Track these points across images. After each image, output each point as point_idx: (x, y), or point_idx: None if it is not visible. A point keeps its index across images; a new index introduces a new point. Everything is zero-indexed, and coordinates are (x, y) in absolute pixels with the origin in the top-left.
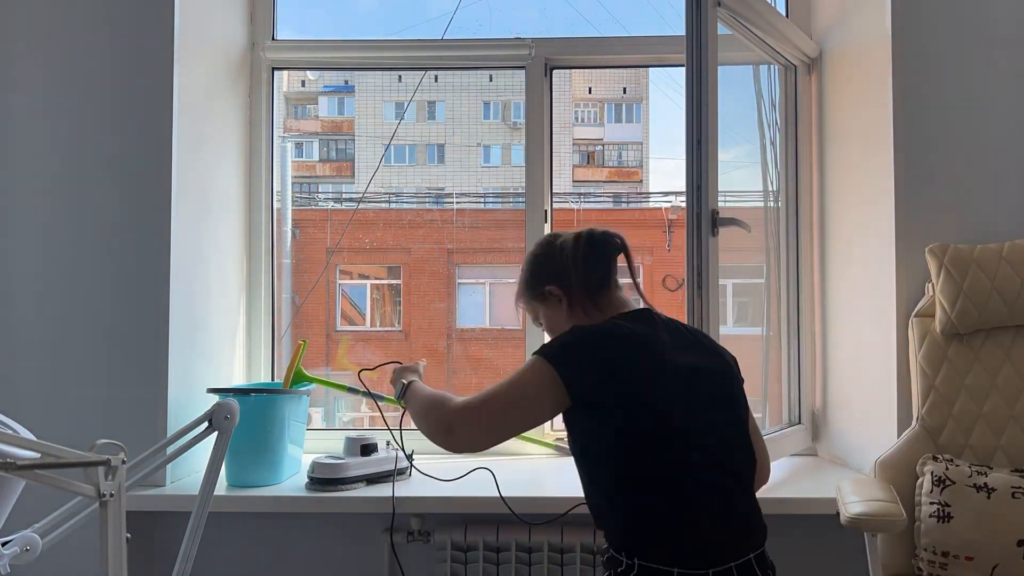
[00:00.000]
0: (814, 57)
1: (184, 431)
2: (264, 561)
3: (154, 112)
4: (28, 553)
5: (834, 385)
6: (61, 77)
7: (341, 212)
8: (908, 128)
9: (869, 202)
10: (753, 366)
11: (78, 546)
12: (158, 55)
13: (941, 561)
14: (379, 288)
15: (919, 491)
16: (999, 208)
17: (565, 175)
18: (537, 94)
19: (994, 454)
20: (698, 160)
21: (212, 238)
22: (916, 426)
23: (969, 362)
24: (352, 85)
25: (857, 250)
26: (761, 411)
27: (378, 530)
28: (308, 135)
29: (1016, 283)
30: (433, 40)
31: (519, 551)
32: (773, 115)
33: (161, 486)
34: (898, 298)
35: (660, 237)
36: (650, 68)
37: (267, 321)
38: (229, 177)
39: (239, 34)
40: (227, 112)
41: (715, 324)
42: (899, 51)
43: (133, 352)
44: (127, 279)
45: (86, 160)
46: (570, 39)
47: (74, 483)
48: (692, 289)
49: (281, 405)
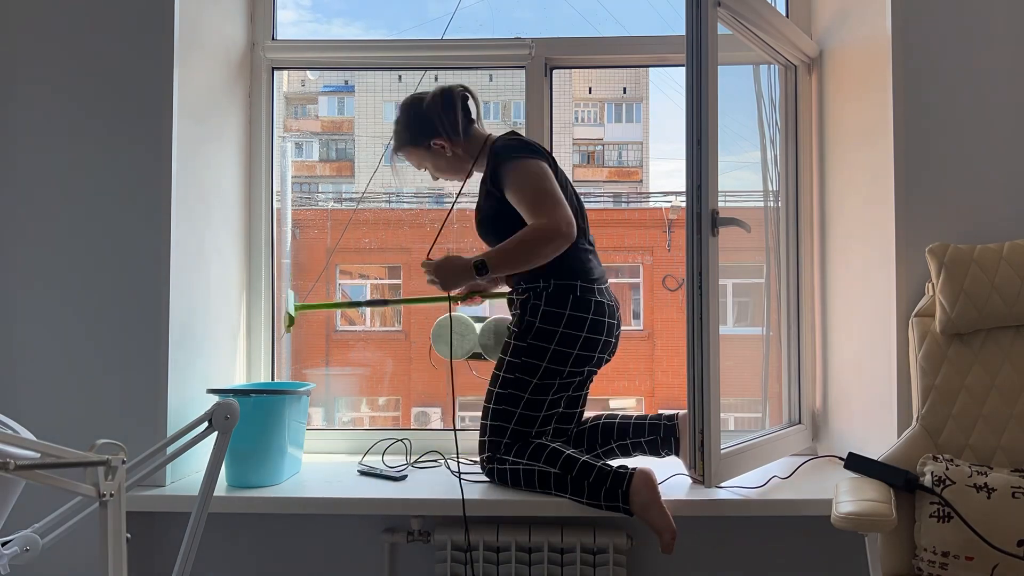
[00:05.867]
0: (814, 57)
1: (184, 431)
2: (264, 561)
3: (154, 112)
4: (28, 553)
5: (834, 385)
6: (61, 77)
7: (341, 212)
8: (908, 128)
9: (869, 202)
10: (753, 366)
11: (78, 546)
12: (158, 55)
13: (941, 561)
14: (379, 288)
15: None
16: (999, 208)
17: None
18: (537, 94)
19: (994, 454)
20: (698, 160)
21: (212, 238)
22: (916, 426)
23: (969, 362)
24: (352, 85)
25: (857, 250)
26: (761, 411)
27: (378, 530)
28: (308, 135)
29: (1016, 283)
30: (433, 40)
31: (519, 551)
32: (773, 115)
33: (161, 486)
34: (898, 298)
35: (660, 237)
36: (650, 68)
37: (267, 321)
38: (229, 177)
39: (239, 34)
40: (227, 112)
41: (715, 324)
42: (899, 51)
43: (133, 352)
44: (127, 279)
45: (86, 160)
46: (570, 39)
47: (74, 483)
48: (692, 289)
49: (281, 405)
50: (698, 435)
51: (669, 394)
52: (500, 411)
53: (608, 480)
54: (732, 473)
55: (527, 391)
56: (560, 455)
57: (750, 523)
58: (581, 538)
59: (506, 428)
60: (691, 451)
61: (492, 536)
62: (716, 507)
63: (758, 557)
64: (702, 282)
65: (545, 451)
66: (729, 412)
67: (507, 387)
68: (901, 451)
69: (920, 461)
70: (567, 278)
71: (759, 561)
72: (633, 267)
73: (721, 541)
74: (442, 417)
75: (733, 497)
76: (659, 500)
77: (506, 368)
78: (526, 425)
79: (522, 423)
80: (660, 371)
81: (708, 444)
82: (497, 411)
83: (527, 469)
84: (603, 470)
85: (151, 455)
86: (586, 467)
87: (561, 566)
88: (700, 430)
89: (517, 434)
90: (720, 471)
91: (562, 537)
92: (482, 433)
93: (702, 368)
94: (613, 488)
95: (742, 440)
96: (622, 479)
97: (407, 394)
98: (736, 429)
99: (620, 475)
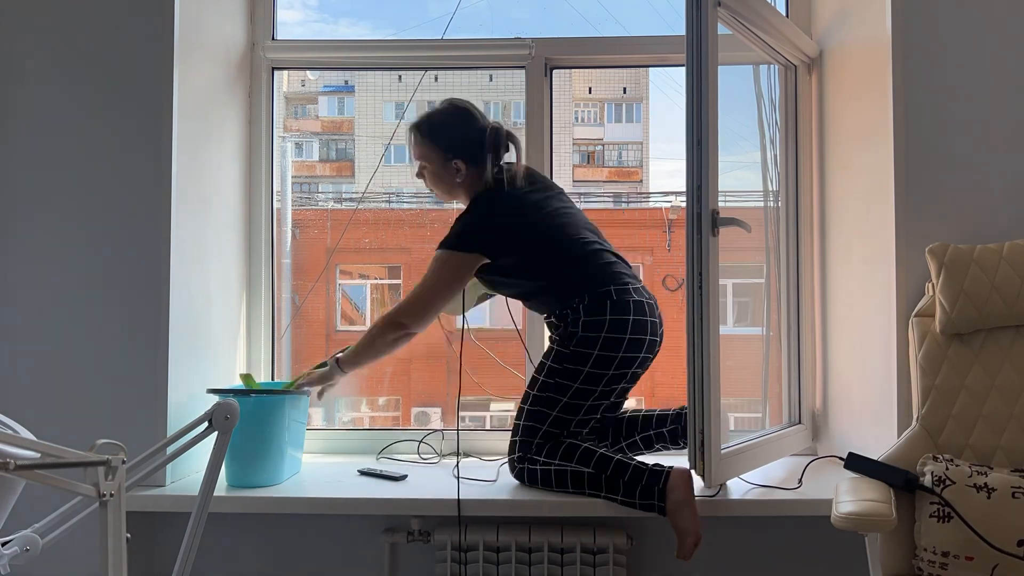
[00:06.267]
0: (814, 57)
1: (184, 431)
2: (264, 561)
3: (154, 112)
4: (28, 553)
5: (834, 385)
6: (61, 77)
7: (341, 212)
8: (908, 128)
9: (869, 202)
10: (753, 366)
11: (78, 546)
12: (158, 55)
13: (941, 561)
14: (379, 288)
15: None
16: (999, 208)
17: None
18: (537, 94)
19: (994, 454)
20: (698, 160)
21: (212, 238)
22: (916, 426)
23: (969, 362)
24: (352, 85)
25: (857, 250)
26: (761, 411)
27: (378, 530)
28: (308, 135)
29: (1016, 283)
30: (433, 40)
31: (519, 551)
32: (773, 115)
33: (161, 486)
34: (898, 298)
35: (660, 237)
36: (650, 68)
37: (267, 321)
38: (229, 177)
39: (239, 34)
40: (227, 112)
41: (715, 324)
42: (899, 51)
43: (133, 352)
44: (127, 279)
45: (86, 159)
46: (570, 39)
47: (74, 483)
48: (692, 289)
49: (281, 406)
50: (698, 435)
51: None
52: (535, 412)
53: (644, 477)
54: (733, 473)
55: (566, 395)
56: (593, 454)
57: (750, 523)
58: (581, 538)
59: (539, 429)
60: (692, 451)
61: (492, 536)
62: (716, 507)
63: (758, 557)
64: (702, 282)
65: (578, 451)
66: (729, 412)
67: (545, 390)
68: (901, 451)
69: (920, 461)
70: (600, 286)
71: (759, 561)
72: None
73: (721, 541)
74: (442, 417)
75: (733, 497)
76: (693, 502)
77: (546, 372)
78: (559, 427)
79: (556, 425)
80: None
81: (709, 444)
82: (532, 412)
83: (559, 470)
84: (639, 468)
85: (151, 455)
86: (621, 465)
87: (561, 566)
88: (700, 430)
89: (549, 435)
90: (721, 471)
91: (562, 537)
92: (514, 433)
93: (702, 368)
94: (649, 485)
95: (742, 440)
96: (658, 476)
97: (407, 394)
98: (736, 429)
99: (656, 473)
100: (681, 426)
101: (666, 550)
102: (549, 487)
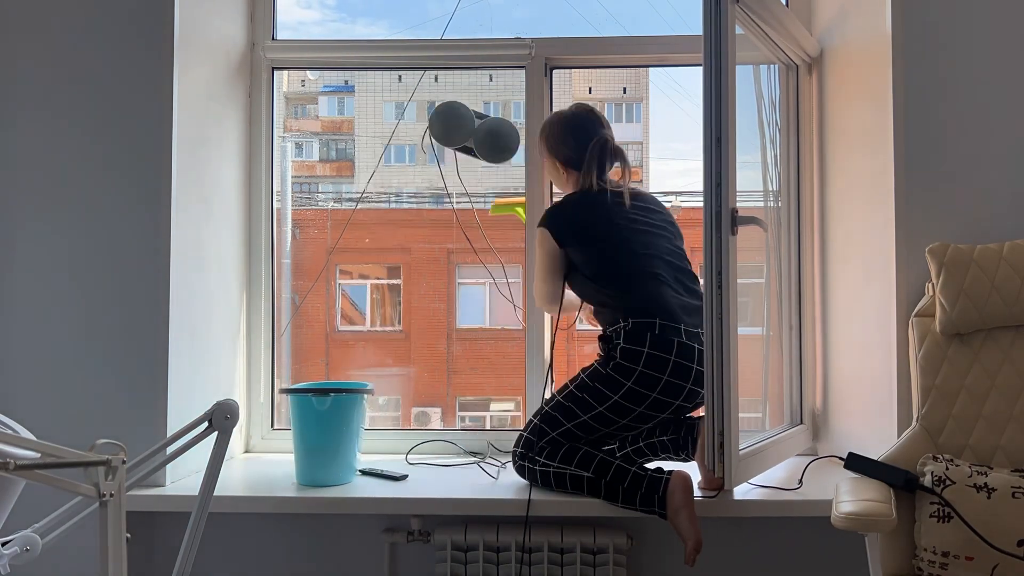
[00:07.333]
0: (815, 56)
1: (184, 431)
2: (264, 561)
3: (154, 112)
4: (28, 553)
5: (834, 385)
6: (61, 77)
7: (341, 212)
8: (908, 128)
9: (869, 202)
10: (753, 366)
11: (78, 546)
12: (158, 55)
13: (941, 561)
14: (379, 288)
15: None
16: (999, 208)
17: None
18: (537, 94)
19: (994, 454)
20: (717, 158)
21: (212, 238)
22: (916, 426)
23: (969, 362)
24: (352, 85)
25: (857, 250)
26: (761, 411)
27: (378, 530)
28: (308, 135)
29: (1016, 283)
30: (433, 40)
31: (519, 551)
32: (773, 115)
33: (161, 486)
34: (898, 298)
35: None
36: (650, 68)
37: (267, 321)
38: (229, 177)
39: (239, 34)
40: (227, 112)
41: (735, 323)
42: (899, 50)
43: (133, 352)
44: (127, 279)
45: (86, 160)
46: (570, 39)
47: (74, 483)
48: (711, 289)
49: (355, 404)
50: (717, 436)
51: None
52: (551, 417)
53: (643, 485)
54: (749, 475)
55: (587, 414)
56: (593, 458)
57: (751, 523)
58: (581, 538)
59: (548, 434)
60: (710, 452)
61: (492, 536)
62: (718, 508)
63: (758, 557)
64: (721, 281)
65: (578, 454)
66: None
67: (569, 401)
68: (901, 451)
69: (920, 461)
70: (644, 316)
71: (759, 561)
72: None
73: (722, 541)
74: (442, 417)
75: (734, 498)
76: (691, 506)
77: (578, 385)
78: (568, 439)
79: (566, 436)
80: None
81: (728, 445)
82: (549, 416)
83: (558, 472)
84: (638, 475)
85: (151, 455)
86: (620, 472)
87: (561, 566)
88: (720, 431)
89: (555, 442)
90: (740, 472)
91: (562, 537)
92: (525, 427)
93: (722, 368)
94: (649, 493)
95: (756, 441)
96: (657, 484)
97: (407, 394)
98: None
99: (655, 480)
100: (681, 436)
101: (666, 550)
102: (549, 488)
